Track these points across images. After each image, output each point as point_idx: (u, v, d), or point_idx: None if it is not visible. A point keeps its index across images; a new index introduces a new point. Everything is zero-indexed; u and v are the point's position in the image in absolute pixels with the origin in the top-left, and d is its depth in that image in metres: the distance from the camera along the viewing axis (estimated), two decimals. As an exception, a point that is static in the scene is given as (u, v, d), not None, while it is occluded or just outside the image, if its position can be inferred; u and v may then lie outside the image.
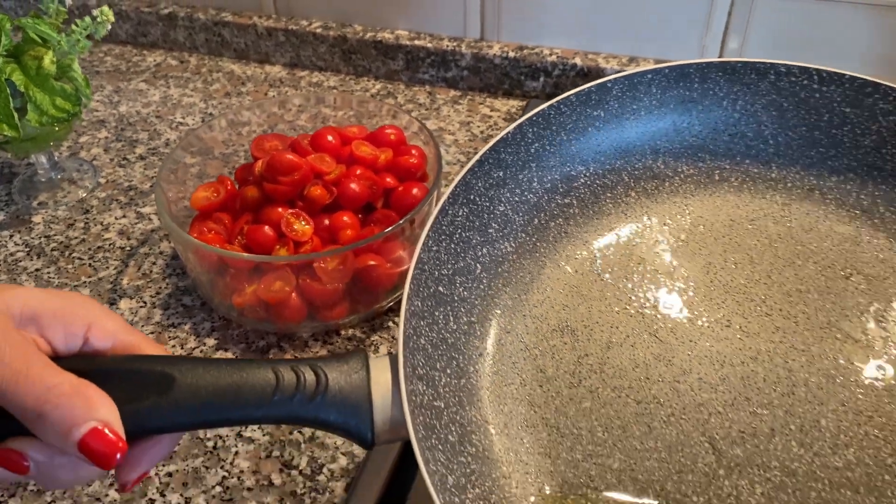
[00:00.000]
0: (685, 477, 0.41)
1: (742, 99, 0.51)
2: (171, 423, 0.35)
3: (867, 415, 0.42)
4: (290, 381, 0.37)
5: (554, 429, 0.43)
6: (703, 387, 0.44)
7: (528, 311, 0.48)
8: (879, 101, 0.48)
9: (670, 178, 0.52)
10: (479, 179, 0.47)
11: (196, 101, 0.86)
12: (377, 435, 0.37)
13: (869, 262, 0.48)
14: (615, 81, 0.49)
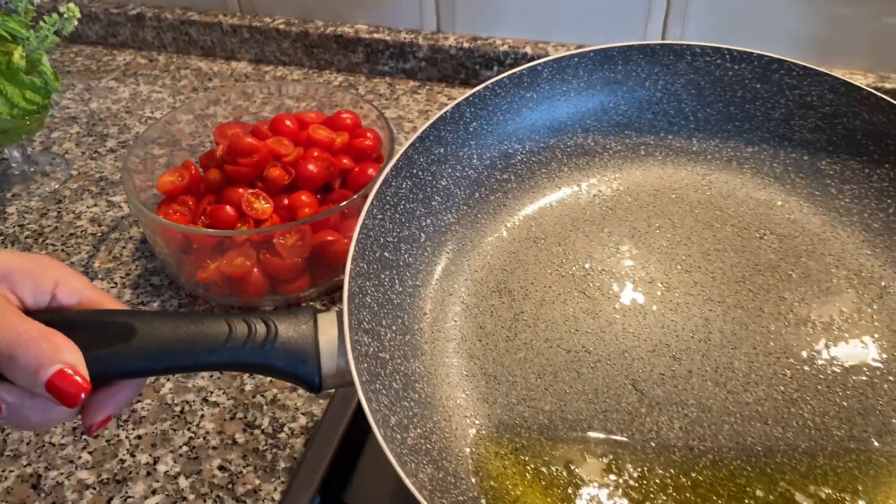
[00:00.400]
0: (610, 415, 0.45)
1: (662, 79, 0.55)
2: (132, 369, 0.39)
3: (776, 356, 0.47)
4: (241, 331, 0.40)
5: (491, 377, 0.47)
6: (627, 336, 0.48)
7: (469, 276, 0.51)
8: (785, 76, 0.53)
9: (599, 153, 0.56)
10: (421, 155, 0.51)
11: (165, 96, 0.90)
12: (324, 379, 0.41)
13: (781, 223, 0.53)
14: (545, 65, 0.54)
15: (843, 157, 0.52)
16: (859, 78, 0.77)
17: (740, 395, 0.45)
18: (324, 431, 0.51)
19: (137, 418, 0.53)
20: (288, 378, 0.41)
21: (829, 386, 0.45)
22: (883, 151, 0.51)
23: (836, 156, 0.53)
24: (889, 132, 0.50)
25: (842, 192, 0.52)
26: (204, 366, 0.40)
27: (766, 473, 0.42)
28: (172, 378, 0.56)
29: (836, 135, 0.52)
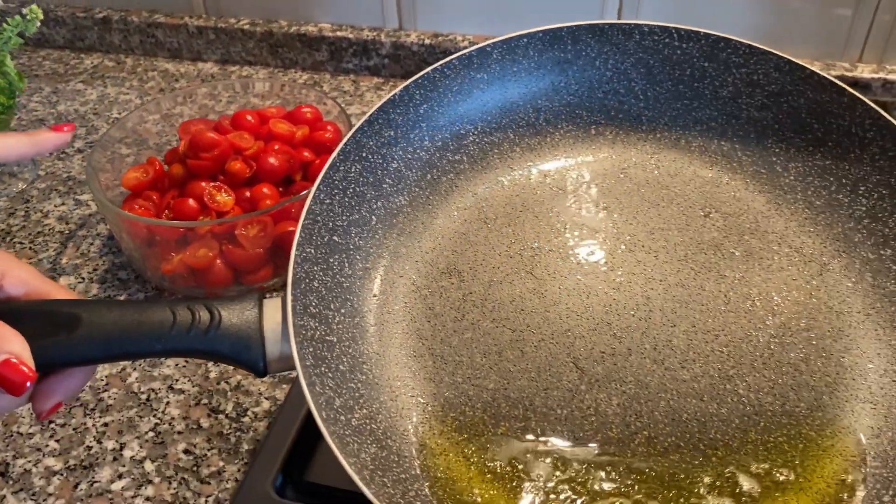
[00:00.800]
0: (551, 393, 0.46)
1: (612, 59, 0.56)
2: (78, 357, 0.40)
3: (714, 334, 0.48)
4: (185, 318, 0.41)
5: (438, 357, 0.48)
6: (570, 315, 0.49)
7: (419, 258, 0.52)
8: (732, 55, 0.53)
9: (551, 133, 0.57)
10: (371, 138, 0.51)
11: (132, 97, 0.90)
12: (269, 364, 0.42)
13: (726, 201, 0.53)
14: (494, 45, 0.54)
15: (789, 135, 0.53)
16: (806, 66, 0.78)
17: (677, 372, 0.47)
18: (286, 412, 0.52)
19: (104, 406, 0.55)
20: (233, 363, 0.42)
21: (766, 363, 0.47)
22: (826, 130, 0.51)
23: (782, 134, 0.53)
24: (831, 111, 0.51)
25: (787, 171, 0.53)
26: (149, 353, 0.41)
27: (700, 449, 0.44)
28: (138, 367, 0.57)
29: (782, 113, 0.53)
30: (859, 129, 0.50)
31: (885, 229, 0.49)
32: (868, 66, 0.79)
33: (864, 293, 0.48)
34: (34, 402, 0.40)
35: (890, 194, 0.49)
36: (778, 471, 0.43)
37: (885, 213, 0.49)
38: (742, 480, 0.43)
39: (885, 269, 0.48)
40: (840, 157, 0.51)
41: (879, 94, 0.78)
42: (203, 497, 0.50)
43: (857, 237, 0.50)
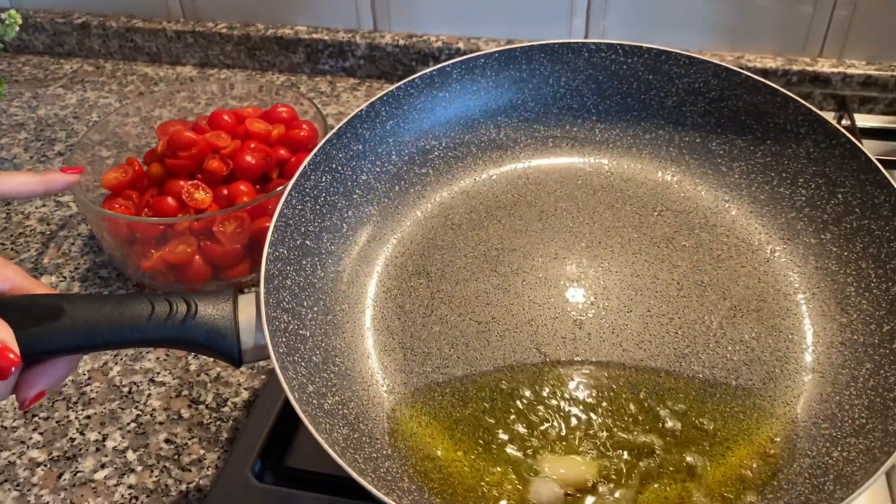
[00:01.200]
0: (517, 376, 0.48)
1: (564, 76, 0.60)
2: (61, 346, 0.42)
3: (668, 317, 0.50)
4: (163, 309, 0.43)
5: (408, 350, 0.50)
6: (532, 306, 0.51)
7: (389, 261, 0.55)
8: (673, 66, 0.58)
9: (511, 147, 0.60)
10: (340, 151, 0.55)
11: (112, 101, 0.93)
12: (244, 353, 0.44)
13: (677, 200, 0.57)
14: (454, 66, 0.58)
15: (731, 136, 0.57)
16: (769, 62, 0.82)
17: (634, 352, 0.49)
18: (264, 401, 0.53)
19: (87, 400, 0.56)
20: (209, 352, 0.44)
21: (719, 342, 0.49)
22: (764, 129, 0.55)
23: (725, 136, 0.57)
24: (768, 111, 0.55)
25: (731, 170, 0.57)
26: (129, 342, 0.43)
27: (659, 418, 0.46)
28: (120, 361, 0.59)
29: (723, 117, 0.57)
30: (793, 125, 0.54)
31: (823, 216, 0.52)
32: (828, 60, 0.82)
33: (808, 275, 0.51)
34: (18, 390, 0.42)
35: (826, 183, 0.52)
36: (733, 437, 0.45)
37: (822, 200, 0.52)
38: (693, 436, 0.44)
39: (826, 252, 0.51)
40: (779, 154, 0.55)
41: (839, 87, 0.82)
42: (184, 484, 0.51)
43: (799, 225, 0.53)
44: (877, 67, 0.80)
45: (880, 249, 0.48)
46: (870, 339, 0.46)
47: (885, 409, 0.42)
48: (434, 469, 0.44)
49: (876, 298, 0.47)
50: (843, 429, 0.43)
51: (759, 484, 0.43)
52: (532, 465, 0.44)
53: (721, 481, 0.43)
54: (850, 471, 0.40)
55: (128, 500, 0.50)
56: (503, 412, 0.46)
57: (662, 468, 0.44)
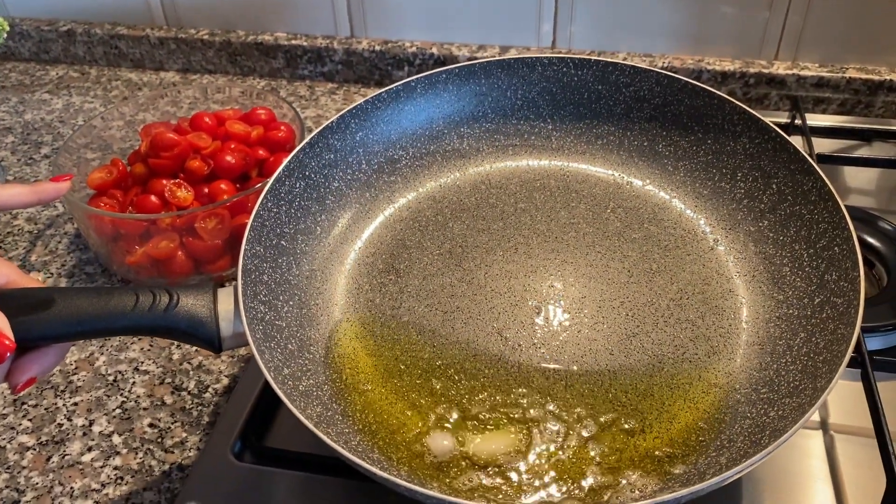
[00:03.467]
0: (480, 357, 0.52)
1: (521, 89, 0.64)
2: (52, 333, 0.45)
3: (619, 301, 0.54)
4: (146, 299, 0.47)
5: (378, 338, 0.53)
6: (494, 296, 0.55)
7: (360, 260, 0.59)
8: (619, 76, 0.62)
9: (474, 155, 0.65)
10: (313, 160, 0.59)
11: (97, 106, 0.96)
12: (223, 340, 0.47)
13: (627, 198, 0.61)
14: (418, 81, 0.63)
15: (675, 138, 0.61)
16: (728, 65, 0.87)
17: (589, 333, 0.52)
18: (244, 386, 0.56)
19: (74, 388, 0.59)
20: (190, 339, 0.47)
21: (667, 321, 0.53)
22: (705, 129, 0.60)
23: (669, 138, 0.62)
24: (707, 113, 0.59)
25: (676, 169, 0.61)
26: (115, 330, 0.47)
27: (612, 392, 0.49)
28: (106, 351, 0.62)
29: (667, 121, 0.62)
30: (730, 124, 0.58)
31: (760, 205, 0.56)
32: (783, 63, 0.87)
33: (748, 259, 0.55)
34: (10, 376, 0.45)
35: (761, 175, 0.57)
36: (681, 405, 0.48)
37: (759, 191, 0.57)
38: (644, 407, 0.48)
39: (764, 238, 0.55)
40: (718, 152, 0.59)
41: (794, 88, 0.86)
42: (167, 464, 0.54)
43: (739, 215, 0.57)
44: (829, 69, 0.85)
45: (811, 231, 0.52)
46: (803, 311, 0.50)
47: (814, 370, 0.45)
48: (401, 442, 0.47)
49: (808, 275, 0.51)
50: (779, 391, 0.47)
51: (704, 443, 0.46)
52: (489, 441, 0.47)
53: (668, 443, 0.46)
54: (782, 425, 0.43)
55: (113, 480, 0.53)
56: (467, 392, 0.50)
57: (614, 436, 0.47)
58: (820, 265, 0.51)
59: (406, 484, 0.39)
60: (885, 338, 0.55)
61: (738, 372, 0.50)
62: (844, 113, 0.86)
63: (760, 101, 0.88)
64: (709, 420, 0.47)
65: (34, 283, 0.47)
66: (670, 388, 0.49)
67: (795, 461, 0.50)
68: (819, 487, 0.48)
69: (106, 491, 0.53)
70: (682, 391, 0.49)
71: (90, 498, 0.52)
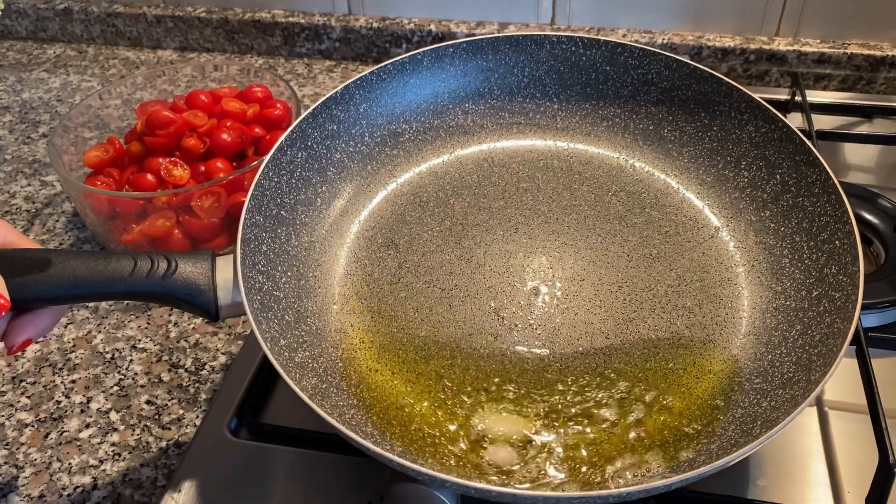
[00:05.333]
0: (476, 337, 0.52)
1: (528, 67, 0.64)
2: (48, 295, 0.45)
3: (618, 286, 0.54)
4: (145, 265, 0.46)
5: (376, 313, 0.53)
6: (492, 275, 0.55)
7: (361, 234, 0.58)
8: (629, 58, 0.62)
9: (478, 132, 0.64)
10: (315, 130, 0.58)
11: (94, 84, 0.95)
12: (220, 309, 0.47)
13: (630, 182, 0.61)
14: (424, 54, 0.62)
15: (681, 124, 0.61)
16: (728, 41, 0.86)
17: (585, 316, 0.52)
18: (241, 362, 0.56)
19: (72, 365, 0.59)
20: (188, 307, 0.47)
21: (664, 308, 0.53)
22: (711, 116, 0.59)
23: (675, 123, 0.61)
24: (714, 100, 0.59)
25: (681, 154, 0.61)
26: (112, 294, 0.46)
27: (606, 376, 0.49)
28: (103, 329, 0.62)
29: (674, 106, 0.61)
30: (737, 112, 0.58)
31: (763, 195, 0.56)
32: (784, 39, 0.86)
33: (748, 249, 0.55)
34: (7, 337, 0.45)
35: (766, 165, 0.56)
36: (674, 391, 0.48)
37: (763, 181, 0.56)
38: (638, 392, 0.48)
39: (765, 228, 0.55)
40: (724, 139, 0.59)
41: (795, 64, 0.85)
42: (164, 441, 0.54)
43: (742, 204, 0.57)
44: (830, 45, 0.84)
45: (812, 224, 0.52)
46: (800, 304, 0.50)
47: (809, 362, 0.45)
48: (396, 417, 0.48)
49: (807, 268, 0.51)
50: (772, 382, 0.47)
51: (696, 431, 0.46)
52: (483, 419, 0.47)
53: (660, 429, 0.46)
54: (775, 416, 0.43)
55: (111, 456, 0.53)
56: (462, 370, 0.50)
57: (606, 420, 0.47)
58: (820, 258, 0.51)
59: (398, 459, 0.39)
60: (881, 315, 0.56)
61: (733, 361, 0.50)
62: (846, 89, 0.85)
63: (761, 77, 0.87)
64: (702, 406, 0.48)
65: (32, 244, 0.47)
66: (664, 373, 0.49)
67: (790, 438, 0.50)
68: (813, 464, 0.49)
69: (104, 467, 0.53)
70: (676, 377, 0.49)
71: (88, 474, 0.52)
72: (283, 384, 0.55)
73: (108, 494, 0.51)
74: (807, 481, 0.48)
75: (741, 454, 0.39)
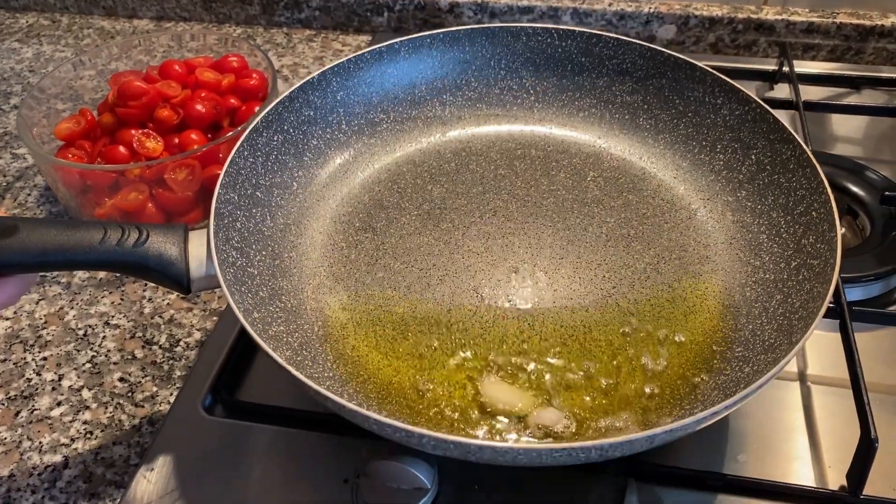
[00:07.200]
0: (454, 313, 0.51)
1: (504, 59, 0.64)
2: (14, 261, 0.43)
3: (597, 263, 0.54)
4: (115, 234, 0.45)
5: (352, 292, 0.53)
6: (471, 255, 0.54)
7: (337, 218, 0.58)
8: (603, 49, 0.63)
9: (456, 123, 0.64)
10: (292, 114, 0.58)
11: (68, 55, 0.93)
12: (193, 281, 0.46)
13: (607, 168, 0.61)
14: (401, 44, 0.62)
15: (656, 112, 0.62)
16: (715, 10, 0.84)
17: (565, 292, 0.52)
18: (215, 339, 0.55)
19: (43, 342, 0.57)
20: (159, 279, 0.46)
21: (643, 283, 0.52)
22: (686, 103, 0.60)
23: (651, 112, 0.62)
24: (688, 85, 0.60)
25: (657, 142, 0.61)
26: (81, 263, 0.45)
27: (586, 348, 0.48)
28: (76, 305, 0.60)
29: (649, 94, 0.62)
30: (710, 96, 0.58)
31: (739, 176, 0.56)
32: (772, 8, 0.84)
33: (726, 228, 0.55)
34: (-32, 303, 0.43)
35: (741, 147, 0.57)
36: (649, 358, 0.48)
37: (738, 163, 0.57)
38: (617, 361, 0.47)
39: (742, 207, 0.55)
40: (699, 125, 0.59)
41: (783, 34, 0.83)
42: (137, 419, 0.52)
43: (718, 186, 0.57)
44: (819, 15, 0.83)
45: (788, 199, 0.52)
46: (780, 275, 0.50)
47: (790, 327, 0.45)
48: (373, 391, 0.46)
49: (785, 241, 0.51)
50: (754, 350, 0.46)
51: (678, 398, 0.45)
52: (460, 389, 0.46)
53: (641, 395, 0.46)
54: (756, 379, 0.42)
55: (83, 434, 0.51)
56: (440, 344, 0.49)
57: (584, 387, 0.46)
58: (797, 230, 0.51)
59: (375, 416, 0.38)
60: (865, 288, 0.56)
61: (714, 332, 0.49)
62: (834, 60, 0.85)
63: (749, 47, 0.85)
64: (683, 376, 0.47)
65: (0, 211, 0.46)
66: (644, 344, 0.49)
67: (771, 413, 0.50)
68: (794, 438, 0.48)
69: (75, 445, 0.51)
70: (656, 347, 0.48)
71: (59, 452, 0.51)
72: (258, 361, 0.54)
73: (79, 473, 0.49)
74: (788, 456, 0.47)
75: (718, 409, 0.38)
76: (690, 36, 0.58)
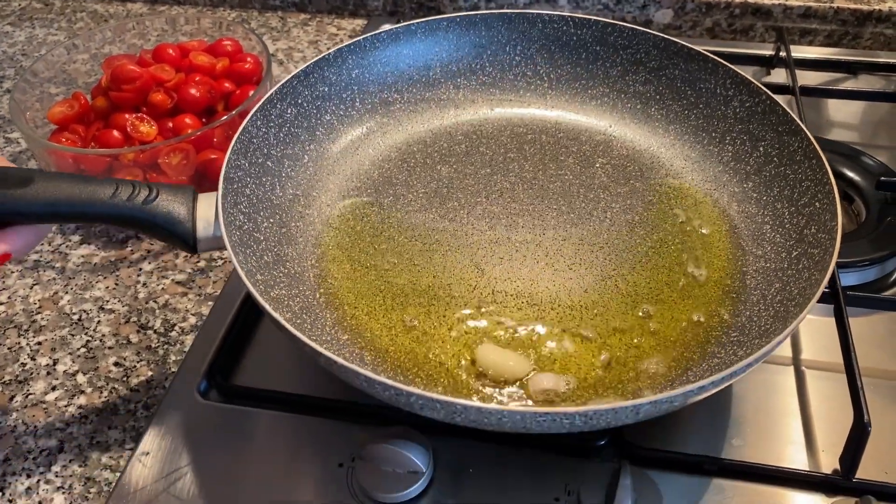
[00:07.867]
0: (454, 287, 0.51)
1: (520, 45, 0.65)
2: (28, 211, 0.45)
3: (599, 246, 0.54)
4: (125, 190, 0.47)
5: (356, 262, 0.53)
6: (474, 232, 0.55)
7: (345, 192, 0.59)
8: (618, 38, 0.63)
9: (469, 106, 0.65)
10: (306, 88, 0.59)
11: (61, 38, 0.92)
12: (199, 241, 0.47)
13: (616, 156, 0.61)
14: (418, 25, 0.63)
15: (668, 103, 0.62)
16: None
17: (565, 272, 0.52)
18: (211, 324, 0.56)
19: (37, 327, 0.58)
20: (165, 236, 0.47)
21: (644, 266, 0.53)
22: (697, 94, 0.60)
23: (662, 102, 0.62)
24: (700, 77, 0.60)
25: (667, 132, 0.62)
26: (91, 216, 0.46)
27: (583, 325, 0.49)
28: (70, 290, 0.60)
29: (662, 85, 0.62)
30: (722, 88, 0.59)
31: (746, 167, 0.57)
32: None
33: (730, 218, 0.55)
34: (-19, 250, 0.44)
35: (749, 139, 0.57)
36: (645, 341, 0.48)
37: (746, 154, 0.57)
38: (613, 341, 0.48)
39: (748, 198, 0.56)
40: (709, 116, 0.60)
41: (780, 19, 0.82)
42: (132, 403, 0.53)
43: (725, 177, 0.58)
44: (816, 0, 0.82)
45: (793, 190, 0.52)
46: (780, 264, 0.50)
47: (786, 314, 0.45)
48: (370, 359, 0.47)
49: (787, 231, 0.51)
50: (750, 335, 0.46)
51: (671, 378, 0.46)
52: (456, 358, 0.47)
53: (636, 376, 0.46)
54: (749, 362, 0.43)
55: (78, 419, 0.52)
56: (439, 315, 0.49)
57: (579, 366, 0.47)
58: (800, 221, 0.51)
59: (367, 373, 0.39)
60: (860, 273, 0.56)
61: (711, 316, 0.49)
62: (831, 45, 0.84)
63: (745, 32, 0.85)
64: (677, 358, 0.47)
65: (9, 165, 0.47)
66: (641, 325, 0.49)
67: (765, 397, 0.49)
68: (788, 423, 0.48)
69: (70, 430, 0.51)
70: (652, 328, 0.49)
71: (54, 437, 0.51)
72: (253, 345, 0.55)
73: (74, 457, 0.50)
74: (782, 440, 0.47)
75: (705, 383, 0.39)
76: (687, 20, 0.57)
